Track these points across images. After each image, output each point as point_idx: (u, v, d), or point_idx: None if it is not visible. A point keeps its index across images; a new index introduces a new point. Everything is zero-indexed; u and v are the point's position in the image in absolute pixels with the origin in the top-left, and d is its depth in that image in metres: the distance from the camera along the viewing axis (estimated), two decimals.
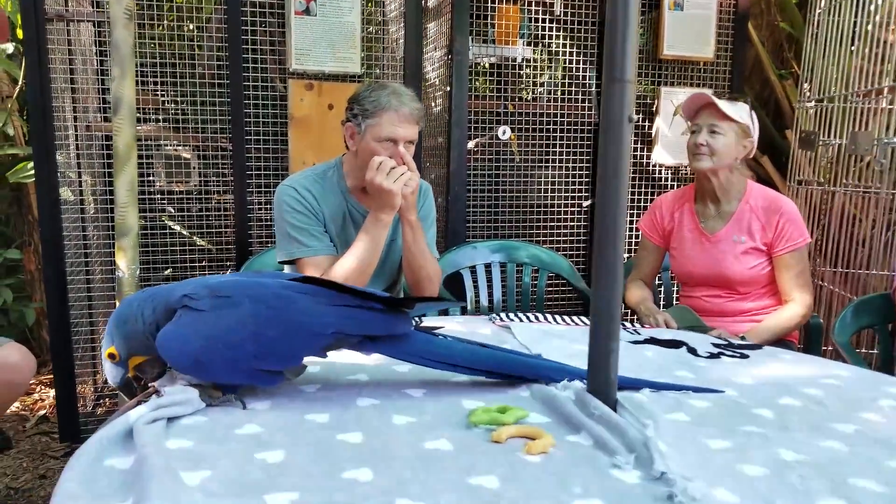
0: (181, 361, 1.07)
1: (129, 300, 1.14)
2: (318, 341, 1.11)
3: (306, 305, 1.12)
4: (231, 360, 1.07)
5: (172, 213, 3.14)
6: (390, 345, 1.17)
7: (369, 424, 1.01)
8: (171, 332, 1.08)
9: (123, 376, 1.15)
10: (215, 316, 1.09)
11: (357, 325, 1.13)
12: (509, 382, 1.22)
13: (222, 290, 1.12)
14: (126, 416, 0.97)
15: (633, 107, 1.05)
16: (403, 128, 1.94)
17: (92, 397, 2.98)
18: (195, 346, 1.06)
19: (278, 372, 1.12)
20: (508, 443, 0.95)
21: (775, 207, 2.29)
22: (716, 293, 2.39)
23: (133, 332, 1.11)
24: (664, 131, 3.32)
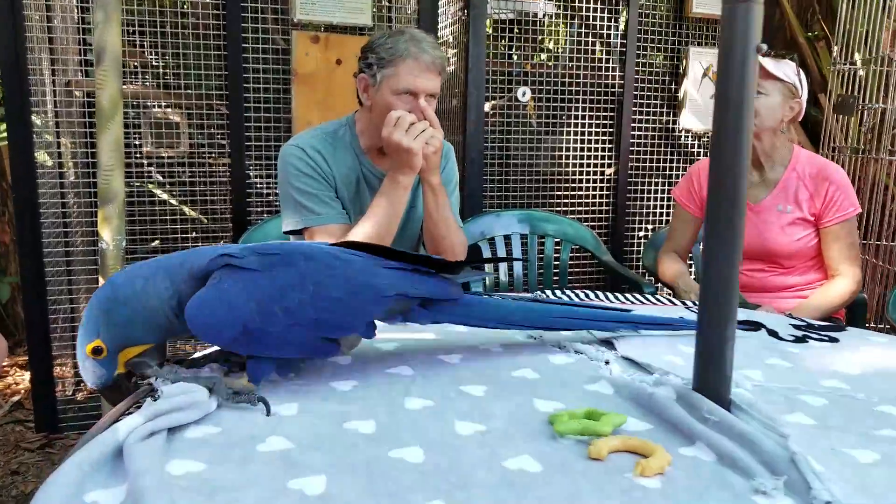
0: (224, 332, 0.88)
1: (123, 278, 0.91)
2: (382, 303, 0.97)
3: (364, 266, 0.97)
4: (288, 326, 0.90)
5: (161, 180, 2.90)
6: (446, 309, 1.04)
7: (427, 435, 0.79)
8: (210, 298, 0.88)
9: (111, 375, 0.92)
10: (267, 275, 0.91)
11: (417, 285, 1.00)
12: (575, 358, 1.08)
13: (269, 248, 0.94)
14: (113, 429, 0.74)
15: (761, 34, 0.82)
16: (424, 78, 1.72)
17: (72, 380, 2.75)
18: (244, 311, 0.88)
19: (335, 341, 0.95)
20: (610, 459, 0.74)
21: (824, 175, 2.09)
22: (758, 267, 2.20)
23: (134, 317, 0.89)
24: (692, 95, 3.09)
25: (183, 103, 2.66)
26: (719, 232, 0.83)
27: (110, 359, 0.91)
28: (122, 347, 0.91)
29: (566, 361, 1.05)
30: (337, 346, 0.96)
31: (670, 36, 3.13)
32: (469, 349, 1.10)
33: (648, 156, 3.20)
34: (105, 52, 1.95)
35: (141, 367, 0.93)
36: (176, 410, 0.81)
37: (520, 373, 1.00)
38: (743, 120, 0.81)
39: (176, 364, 0.97)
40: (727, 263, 0.83)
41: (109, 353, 0.90)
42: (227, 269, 0.91)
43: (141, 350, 0.92)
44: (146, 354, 0.93)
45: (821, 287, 2.13)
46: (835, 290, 2.08)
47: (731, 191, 0.82)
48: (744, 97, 0.81)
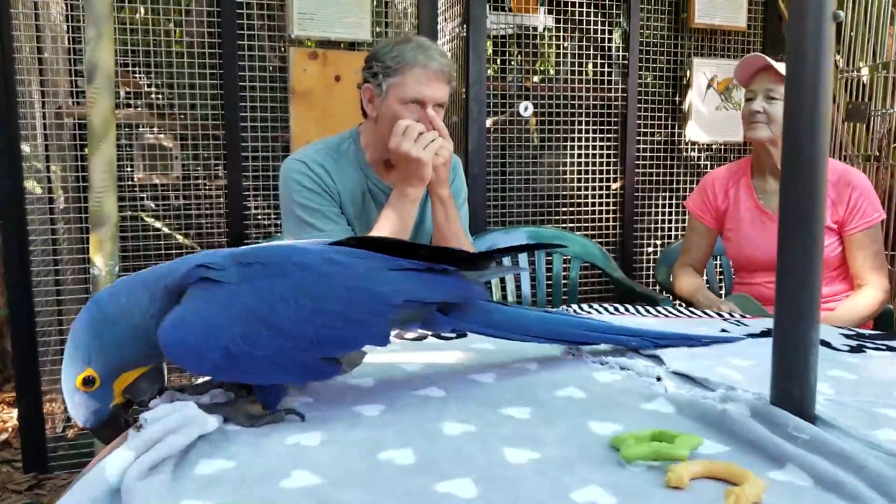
0: (204, 358, 0.76)
1: (107, 296, 0.80)
2: (389, 313, 0.83)
3: (366, 270, 0.84)
4: (279, 348, 0.77)
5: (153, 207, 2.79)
6: (468, 316, 0.91)
7: (474, 465, 0.69)
8: (184, 318, 0.76)
9: (108, 408, 0.80)
10: (250, 289, 0.78)
11: (431, 289, 0.86)
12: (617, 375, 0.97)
13: (253, 256, 0.81)
14: (99, 468, 0.63)
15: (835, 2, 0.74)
16: (432, 87, 1.64)
17: (61, 417, 2.62)
18: (225, 333, 0.75)
19: (335, 360, 0.82)
20: (693, 488, 0.64)
21: (846, 181, 2.02)
22: None
23: (126, 336, 0.78)
24: (697, 106, 3.03)
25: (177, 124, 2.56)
26: (796, 221, 0.73)
27: (104, 389, 0.79)
28: (118, 373, 0.79)
29: (613, 378, 0.95)
30: (338, 366, 0.83)
31: (673, 48, 3.08)
32: (502, 367, 1.00)
33: (655, 169, 3.13)
34: (97, 69, 1.86)
35: (139, 392, 0.81)
36: (170, 434, 0.70)
37: (565, 392, 0.90)
38: (820, 96, 0.72)
39: (176, 391, 0.86)
40: (807, 257, 0.73)
41: (103, 382, 0.78)
42: (205, 282, 0.78)
43: (138, 374, 0.81)
44: (143, 378, 0.81)
45: (847, 298, 2.05)
46: (863, 301, 2.00)
47: (809, 179, 0.73)
48: (820, 74, 0.72)
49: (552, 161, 3.04)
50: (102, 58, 1.86)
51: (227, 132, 2.45)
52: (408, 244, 0.91)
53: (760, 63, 2.01)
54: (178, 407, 0.75)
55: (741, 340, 1.14)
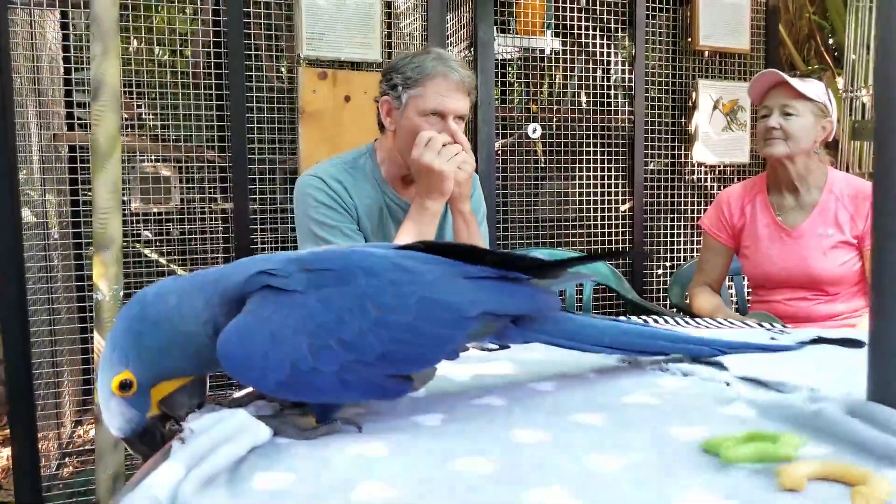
0: (268, 375, 0.69)
1: (154, 294, 0.73)
2: (465, 326, 0.76)
3: (439, 278, 0.77)
4: (348, 364, 0.70)
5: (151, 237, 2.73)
6: (539, 326, 0.85)
7: (561, 473, 0.62)
8: (247, 330, 0.69)
9: (143, 418, 0.73)
10: (318, 298, 0.71)
11: (507, 300, 0.80)
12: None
13: (319, 262, 0.74)
14: (145, 488, 0.56)
15: None
16: (453, 98, 1.60)
17: (56, 455, 2.50)
18: (292, 347, 0.68)
19: (407, 378, 0.74)
20: (810, 489, 0.58)
21: (864, 195, 1.99)
22: (801, 295, 2.07)
23: (171, 341, 0.71)
24: (704, 127, 3.02)
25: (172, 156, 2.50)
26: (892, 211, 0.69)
27: (142, 396, 0.72)
28: (157, 381, 0.72)
29: (679, 385, 0.89)
30: (410, 383, 0.76)
31: (677, 70, 3.08)
32: (560, 376, 0.93)
33: (662, 191, 3.10)
34: (103, 85, 1.80)
35: (177, 406, 0.74)
36: (222, 445, 0.63)
37: (633, 399, 0.83)
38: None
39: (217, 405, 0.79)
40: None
41: (141, 387, 0.71)
42: (268, 290, 0.72)
43: (178, 385, 0.74)
44: (183, 391, 0.74)
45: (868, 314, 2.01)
46: None
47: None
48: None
49: (561, 182, 3.01)
50: (108, 74, 1.81)
51: (233, 156, 2.39)
52: (476, 249, 0.85)
53: (776, 79, 2.00)
54: (225, 415, 0.68)
55: (798, 349, 1.09)
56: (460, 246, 0.85)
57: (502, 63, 2.95)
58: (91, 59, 1.81)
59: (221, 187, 2.49)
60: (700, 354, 0.96)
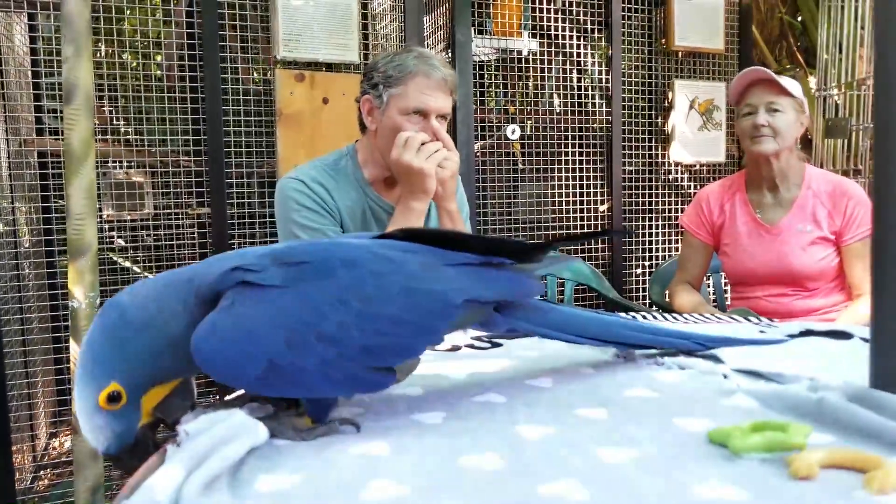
0: (245, 370, 0.66)
1: (129, 299, 0.70)
2: (449, 315, 0.74)
3: (420, 267, 0.75)
4: (328, 358, 0.67)
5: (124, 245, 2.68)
6: (524, 315, 0.84)
7: (571, 467, 0.61)
8: (220, 325, 0.66)
9: (135, 428, 0.69)
10: (295, 292, 0.69)
11: (490, 287, 0.78)
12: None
13: (294, 255, 0.72)
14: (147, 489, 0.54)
15: None
16: (435, 97, 1.59)
17: (30, 469, 2.44)
18: (269, 342, 0.66)
19: (390, 370, 0.72)
20: (822, 477, 0.57)
21: (841, 191, 2.03)
22: (780, 291, 2.09)
23: (158, 345, 0.68)
24: (681, 127, 3.04)
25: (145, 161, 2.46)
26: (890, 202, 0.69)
27: (132, 406, 0.68)
28: (147, 388, 0.69)
29: (678, 378, 0.89)
30: (392, 375, 0.73)
31: (654, 70, 3.10)
32: (556, 372, 0.93)
33: (640, 190, 3.13)
34: (76, 88, 1.76)
35: (173, 409, 0.71)
36: (221, 445, 0.61)
37: (634, 392, 0.83)
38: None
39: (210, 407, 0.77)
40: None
41: (130, 398, 0.68)
42: (243, 286, 0.69)
43: (170, 388, 0.71)
44: (176, 394, 0.72)
45: (846, 309, 2.03)
46: (863, 310, 1.98)
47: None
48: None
49: (540, 184, 3.02)
50: (81, 76, 1.77)
51: (210, 160, 2.35)
52: (457, 235, 0.83)
53: (759, 76, 2.01)
54: (221, 416, 0.66)
55: (788, 341, 1.09)
56: (440, 232, 0.84)
57: (480, 65, 2.95)
58: (63, 61, 1.76)
59: (197, 192, 2.45)
60: (689, 349, 0.96)
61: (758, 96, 2.01)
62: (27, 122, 2.51)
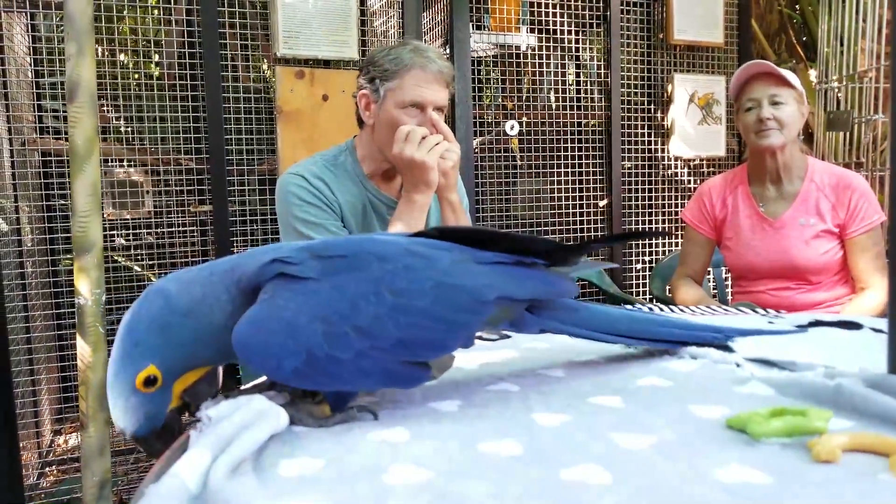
0: (284, 362, 0.67)
1: (176, 285, 0.71)
2: (482, 311, 0.75)
3: (452, 264, 0.75)
4: (364, 351, 0.68)
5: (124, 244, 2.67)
6: (555, 314, 0.84)
7: (591, 453, 0.61)
8: (262, 318, 0.67)
9: (164, 412, 0.71)
10: (332, 285, 0.69)
11: (522, 285, 0.79)
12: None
13: (331, 249, 0.73)
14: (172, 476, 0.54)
15: None
16: (432, 89, 1.59)
17: (35, 466, 2.44)
18: (307, 334, 0.67)
19: (424, 365, 0.73)
20: (845, 461, 0.58)
21: (845, 184, 2.02)
22: (783, 285, 2.09)
23: (201, 332, 0.70)
24: (680, 122, 3.05)
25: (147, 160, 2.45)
26: None
27: (164, 390, 0.70)
28: (182, 373, 0.71)
29: (691, 368, 0.89)
30: (428, 371, 0.74)
31: (653, 64, 3.10)
32: (569, 363, 0.93)
33: (640, 185, 3.13)
34: (79, 86, 1.75)
35: (201, 395, 0.73)
36: (245, 430, 0.61)
37: (647, 381, 0.83)
38: None
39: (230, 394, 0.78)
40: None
41: (165, 382, 0.69)
42: (282, 278, 0.71)
43: (200, 374, 0.72)
44: (205, 380, 0.73)
45: (850, 302, 2.04)
46: (868, 303, 1.98)
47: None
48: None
49: (539, 180, 3.02)
50: (84, 74, 1.76)
51: (211, 158, 2.35)
52: (490, 233, 0.83)
53: (762, 69, 2.00)
54: (243, 402, 0.67)
55: (799, 332, 1.09)
56: (475, 231, 0.83)
57: (478, 60, 2.95)
58: (66, 59, 1.76)
59: (199, 189, 2.45)
60: (712, 341, 0.96)
61: (760, 89, 2.00)
62: (28, 121, 2.50)
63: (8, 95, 2.38)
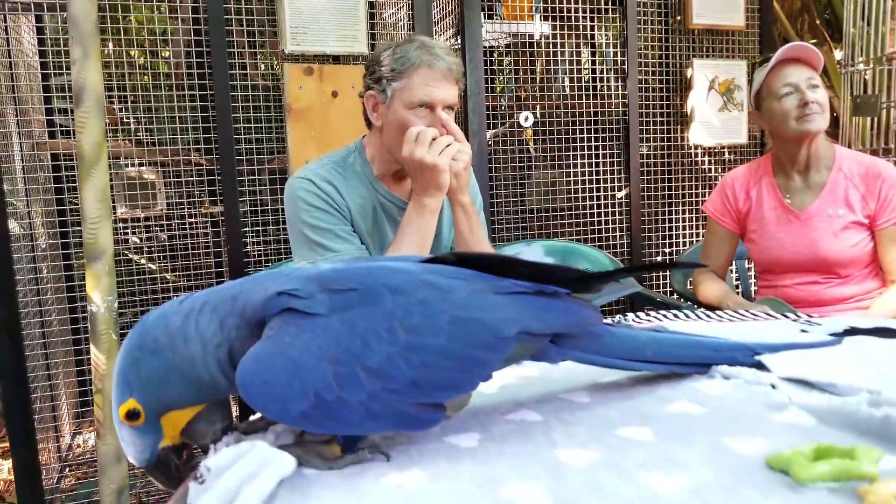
0: (291, 405, 0.63)
1: (156, 317, 0.68)
2: (500, 349, 0.70)
3: (470, 294, 0.70)
4: (375, 393, 0.64)
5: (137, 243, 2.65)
6: (578, 343, 0.78)
7: (622, 496, 0.57)
8: (267, 357, 0.63)
9: (155, 448, 0.68)
10: (342, 322, 0.65)
11: (545, 317, 0.73)
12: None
13: (342, 281, 0.68)
14: None
15: None
16: (440, 88, 1.53)
17: (56, 466, 2.44)
18: (316, 375, 0.63)
19: (439, 406, 0.68)
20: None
21: (874, 173, 1.94)
22: (811, 279, 2.02)
23: (172, 369, 0.66)
24: (700, 108, 2.97)
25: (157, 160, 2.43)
26: None
27: (150, 425, 0.67)
28: (164, 411, 0.67)
29: (723, 390, 0.84)
30: (442, 411, 0.69)
31: (671, 49, 3.02)
32: (593, 386, 0.88)
33: (659, 175, 3.05)
34: (85, 91, 1.72)
35: (200, 435, 0.69)
36: (248, 482, 0.58)
37: (677, 408, 0.78)
38: None
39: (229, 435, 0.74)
40: None
41: (148, 417, 0.66)
42: (289, 313, 0.66)
43: (195, 413, 0.68)
44: (202, 418, 0.69)
45: (881, 296, 1.97)
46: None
47: None
48: None
49: (555, 171, 2.96)
50: (90, 78, 1.73)
51: (221, 158, 2.32)
52: (510, 260, 0.78)
53: (801, 52, 1.92)
54: (244, 449, 0.63)
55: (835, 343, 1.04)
56: (492, 257, 0.79)
57: (490, 50, 2.88)
58: (71, 63, 1.73)
59: (210, 190, 2.42)
60: (743, 362, 0.90)
61: (796, 74, 1.91)
62: (39, 122, 2.48)
63: (18, 99, 2.36)
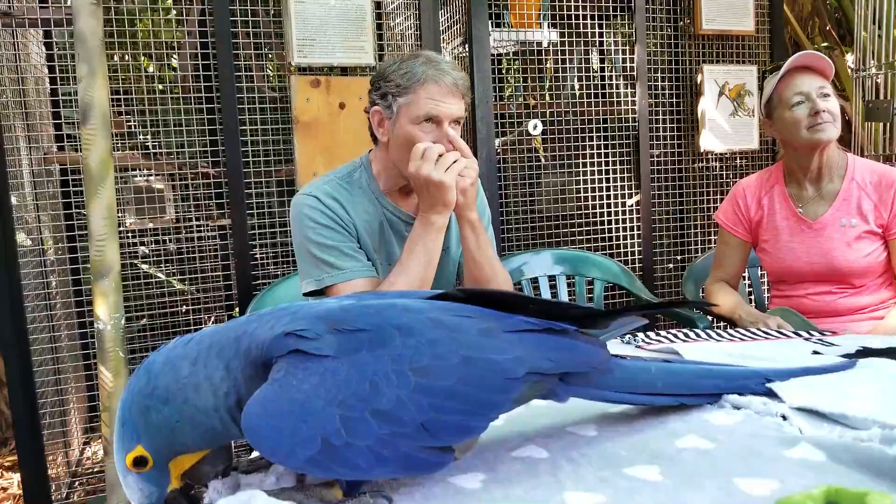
0: (297, 451, 0.62)
1: (162, 363, 0.67)
2: (509, 390, 0.69)
3: (480, 333, 0.70)
4: (383, 437, 0.63)
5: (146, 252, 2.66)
6: (588, 380, 0.77)
7: None
8: (272, 402, 0.63)
9: (164, 492, 0.67)
10: (350, 365, 0.65)
11: (554, 357, 0.73)
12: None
13: (350, 321, 0.68)
14: None
15: None
16: (447, 103, 1.52)
17: (66, 480, 2.45)
18: (323, 420, 0.62)
19: (447, 449, 0.67)
20: None
21: (888, 181, 1.92)
22: (825, 289, 1.99)
23: (184, 417, 0.65)
24: (711, 114, 2.94)
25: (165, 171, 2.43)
26: None
27: (159, 470, 0.66)
28: (173, 456, 0.67)
29: (732, 421, 0.82)
30: (451, 454, 0.68)
31: (680, 55, 3.00)
32: (601, 418, 0.86)
33: (670, 182, 3.03)
34: (91, 108, 1.73)
35: (202, 477, 0.69)
36: None
37: (687, 442, 0.77)
38: None
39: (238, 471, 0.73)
40: None
41: (157, 463, 0.66)
42: (296, 356, 0.66)
43: (200, 457, 0.68)
44: (206, 461, 0.69)
45: (895, 306, 1.94)
46: None
47: None
48: None
49: (564, 179, 2.94)
50: (97, 97, 1.73)
51: (229, 170, 2.32)
52: (519, 297, 0.78)
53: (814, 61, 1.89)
54: (243, 500, 0.62)
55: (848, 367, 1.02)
56: (502, 294, 0.78)
57: (498, 59, 2.87)
58: (77, 80, 1.73)
59: (217, 203, 2.42)
60: (755, 390, 0.89)
61: (807, 83, 1.88)
62: (48, 135, 2.49)
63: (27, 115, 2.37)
